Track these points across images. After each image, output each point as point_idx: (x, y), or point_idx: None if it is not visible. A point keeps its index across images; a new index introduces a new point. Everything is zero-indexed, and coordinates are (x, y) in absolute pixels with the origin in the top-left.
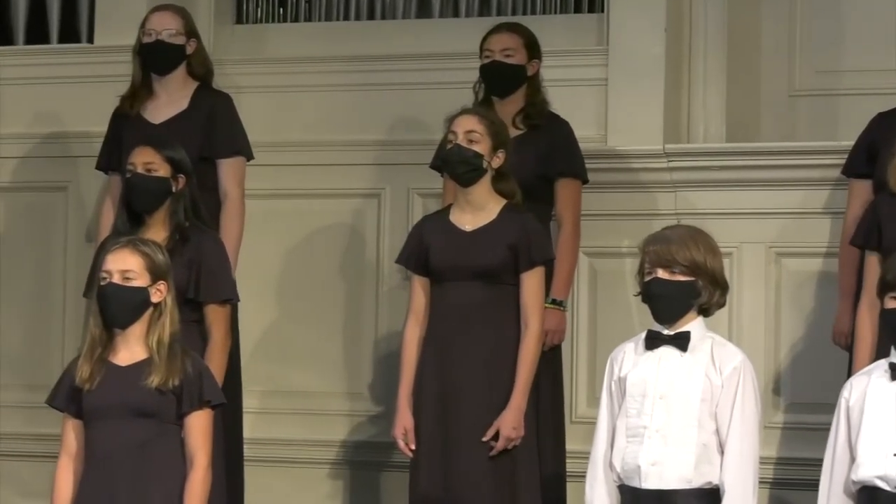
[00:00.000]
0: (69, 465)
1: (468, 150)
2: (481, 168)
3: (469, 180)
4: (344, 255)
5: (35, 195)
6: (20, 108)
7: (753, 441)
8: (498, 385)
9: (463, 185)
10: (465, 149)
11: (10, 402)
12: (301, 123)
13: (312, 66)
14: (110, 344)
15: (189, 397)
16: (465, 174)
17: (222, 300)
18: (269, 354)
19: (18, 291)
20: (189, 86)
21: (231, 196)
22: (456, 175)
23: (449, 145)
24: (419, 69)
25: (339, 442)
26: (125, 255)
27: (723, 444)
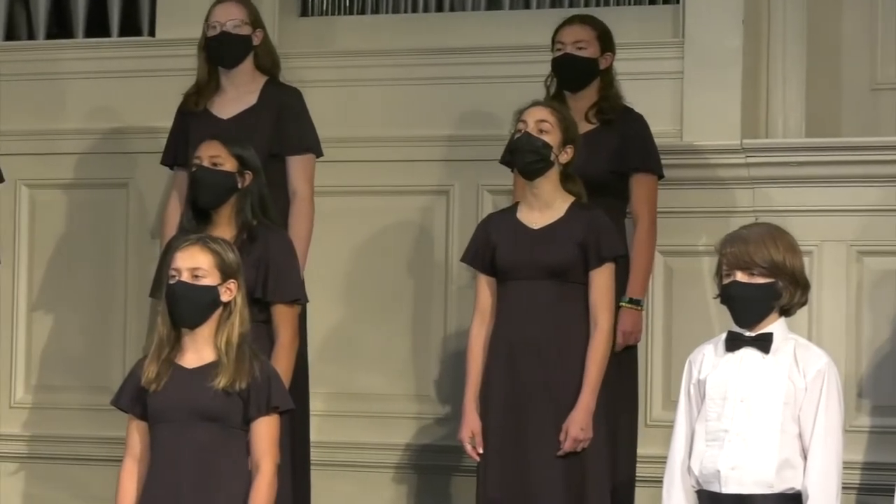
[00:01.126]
0: (133, 467)
1: (537, 140)
2: (549, 160)
3: (536, 171)
4: (412, 253)
5: (95, 192)
6: (80, 104)
7: (837, 446)
8: (567, 385)
9: (529, 178)
10: (534, 138)
11: (71, 405)
12: (368, 118)
13: (380, 60)
14: (178, 345)
15: (256, 402)
16: (532, 164)
17: (290, 300)
18: (335, 355)
19: (79, 291)
20: (257, 80)
21: (300, 194)
22: (523, 165)
23: (517, 134)
24: (489, 62)
25: (406, 445)
26: (195, 253)
27: (805, 449)
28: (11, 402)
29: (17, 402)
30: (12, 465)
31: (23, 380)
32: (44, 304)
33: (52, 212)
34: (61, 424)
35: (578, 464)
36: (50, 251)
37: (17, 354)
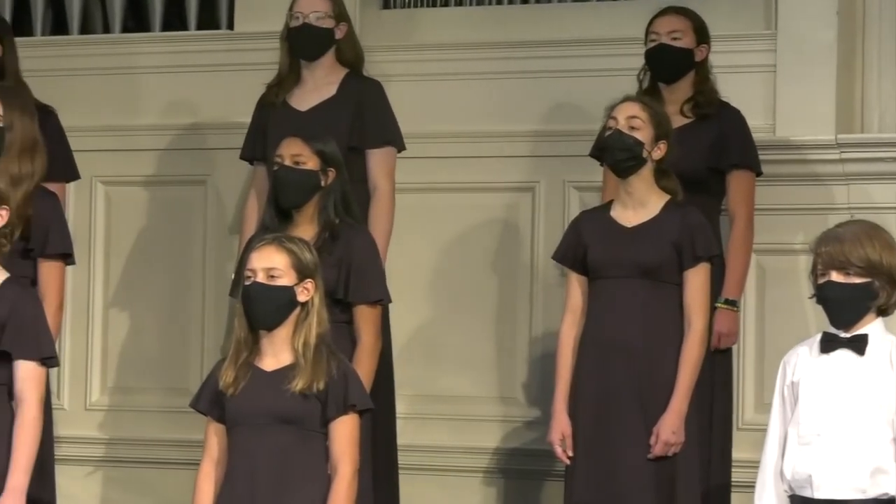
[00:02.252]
0: (211, 470)
1: (629, 137)
2: (641, 157)
3: (627, 169)
4: (496, 251)
5: (172, 189)
6: (157, 99)
7: None
8: (659, 388)
9: (621, 175)
10: (625, 135)
11: (148, 407)
12: (451, 113)
13: (464, 53)
14: (256, 347)
15: (334, 402)
16: (623, 162)
17: (373, 301)
18: (419, 356)
19: (156, 291)
20: (337, 72)
21: (381, 189)
22: (614, 162)
23: (608, 132)
24: (577, 55)
25: (493, 449)
26: (270, 253)
27: None
28: (87, 404)
29: (92, 404)
30: (88, 469)
31: (98, 381)
32: (120, 303)
33: (128, 209)
34: (137, 427)
35: (669, 468)
36: (126, 250)
37: (92, 355)
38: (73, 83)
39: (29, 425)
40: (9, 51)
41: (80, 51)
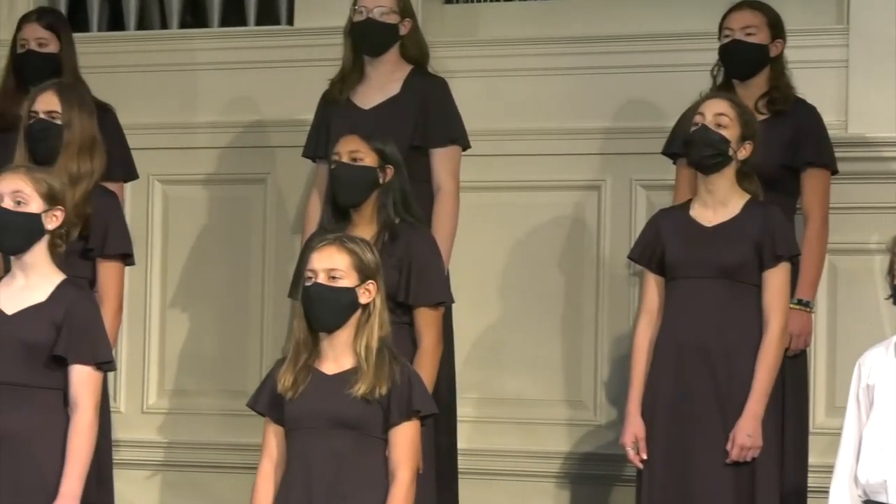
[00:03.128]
0: (271, 472)
1: (715, 134)
2: (726, 155)
3: (711, 167)
4: (562, 251)
5: (232, 188)
6: (216, 96)
7: None
8: (736, 391)
9: (704, 173)
10: (712, 132)
11: (206, 410)
12: (516, 110)
13: (529, 49)
14: (316, 349)
15: (397, 407)
16: (708, 159)
17: (435, 303)
18: (483, 359)
19: (214, 291)
20: (402, 69)
21: (444, 188)
22: (699, 159)
23: (694, 127)
24: (646, 50)
25: (561, 453)
26: (332, 253)
27: None
28: (144, 407)
29: (150, 407)
30: (145, 473)
31: (156, 384)
32: (178, 304)
33: (186, 208)
34: (195, 430)
35: (748, 473)
36: (184, 250)
37: (149, 358)
38: (130, 80)
39: (83, 431)
40: (67, 47)
41: (137, 47)
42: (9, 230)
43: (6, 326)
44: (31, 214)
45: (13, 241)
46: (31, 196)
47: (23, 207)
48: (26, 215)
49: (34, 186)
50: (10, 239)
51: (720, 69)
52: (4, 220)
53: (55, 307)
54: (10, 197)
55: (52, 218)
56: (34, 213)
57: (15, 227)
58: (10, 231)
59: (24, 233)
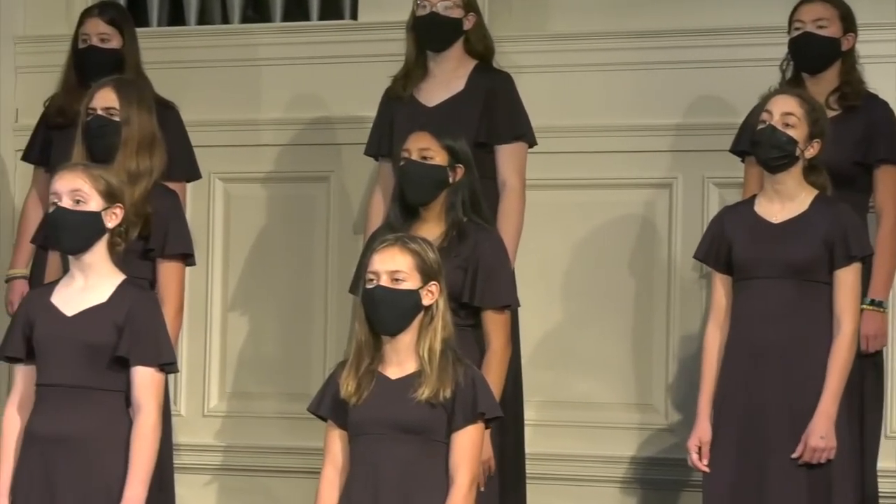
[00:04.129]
0: (334, 477)
1: (782, 134)
2: (793, 155)
3: (778, 167)
4: (632, 251)
5: (295, 186)
6: (278, 92)
7: None
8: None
9: (771, 172)
10: (779, 132)
11: (267, 413)
12: (584, 106)
13: (597, 43)
14: (378, 353)
15: (462, 411)
16: (774, 159)
17: (501, 306)
18: (550, 361)
19: (277, 292)
20: (466, 65)
21: (510, 186)
22: (765, 160)
23: (761, 125)
24: (716, 45)
25: (628, 458)
26: (394, 255)
27: None
28: (205, 410)
29: (210, 410)
30: (206, 477)
31: (217, 387)
32: (239, 305)
33: (248, 207)
34: (257, 434)
35: (823, 476)
36: (246, 249)
37: (210, 360)
38: (190, 76)
39: (147, 434)
40: (129, 42)
41: (198, 42)
42: (68, 230)
43: (67, 328)
44: (91, 213)
45: (73, 240)
46: (90, 194)
47: (82, 206)
48: (86, 214)
49: (93, 184)
50: (71, 238)
51: (789, 63)
52: (64, 219)
53: (117, 308)
54: (68, 196)
55: (111, 216)
56: (94, 212)
57: (75, 226)
58: (69, 230)
59: (85, 232)
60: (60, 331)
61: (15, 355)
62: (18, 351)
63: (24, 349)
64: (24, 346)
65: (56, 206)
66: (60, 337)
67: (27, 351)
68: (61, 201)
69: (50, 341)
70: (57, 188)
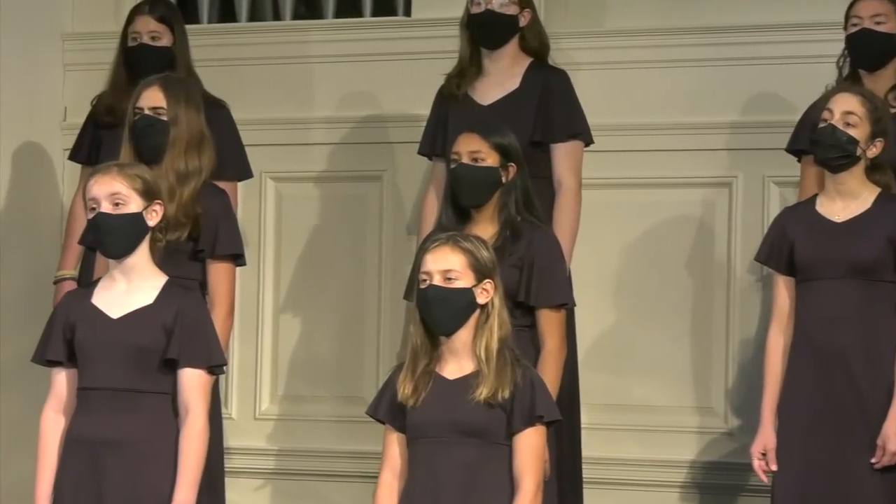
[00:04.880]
0: (393, 482)
1: (843, 134)
2: (854, 155)
3: (838, 167)
4: (690, 251)
5: (347, 185)
6: (330, 90)
7: None
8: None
9: (831, 172)
10: (839, 131)
11: (320, 416)
12: (642, 103)
13: (655, 39)
14: (435, 354)
15: (520, 413)
16: (834, 159)
17: (557, 305)
18: (606, 364)
19: (329, 293)
20: (521, 62)
21: (566, 185)
22: (825, 159)
23: (822, 124)
24: (776, 41)
25: (687, 462)
26: (446, 254)
27: None
28: (256, 413)
29: (262, 413)
30: (257, 482)
31: (268, 389)
32: (291, 307)
33: (300, 207)
34: (310, 437)
35: None
36: (298, 250)
37: (262, 362)
38: (241, 74)
39: (195, 437)
40: (180, 40)
41: (249, 39)
42: (111, 234)
43: (113, 331)
44: (132, 215)
45: (118, 245)
46: (129, 195)
47: (122, 209)
48: (127, 216)
49: (129, 184)
50: (115, 243)
51: (846, 60)
52: (107, 224)
53: (164, 309)
54: (107, 200)
55: (152, 213)
56: (135, 213)
57: (118, 230)
58: (112, 235)
59: (128, 235)
60: (106, 334)
61: (55, 358)
62: (59, 354)
63: (65, 352)
64: (64, 350)
65: (96, 212)
66: (106, 340)
67: (67, 354)
68: (101, 206)
69: (95, 344)
70: (94, 193)
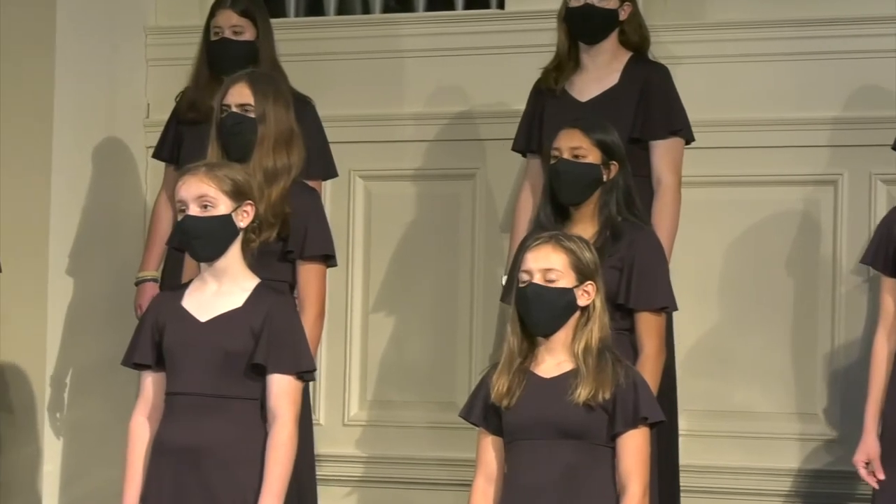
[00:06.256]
0: (487, 488)
1: None
2: None
3: None
4: (793, 251)
5: (438, 183)
6: (421, 85)
7: None
8: None
9: None
10: None
11: (411, 422)
12: (744, 99)
13: (758, 32)
14: (531, 354)
15: (623, 414)
16: None
17: (658, 308)
18: (705, 368)
19: (420, 294)
20: (620, 57)
21: (665, 183)
22: None
23: None
24: (882, 34)
25: (790, 470)
26: (547, 253)
27: None
28: (345, 419)
29: (351, 419)
30: (345, 489)
31: (357, 394)
32: (381, 309)
33: (389, 206)
34: (400, 444)
35: None
36: (388, 250)
37: (351, 366)
38: (330, 69)
39: (283, 445)
40: (264, 34)
41: (337, 33)
42: (200, 237)
43: (201, 335)
44: (222, 217)
45: (207, 248)
46: (217, 197)
47: (211, 211)
48: (217, 219)
49: (217, 186)
50: (204, 247)
51: None
52: (195, 227)
53: (253, 313)
54: (195, 202)
55: (242, 215)
56: (224, 215)
57: (207, 233)
58: (202, 238)
59: (218, 238)
60: (194, 337)
61: (143, 362)
62: (147, 357)
63: (153, 356)
64: (153, 353)
65: (185, 214)
66: (194, 344)
67: (156, 358)
68: (189, 209)
69: (182, 348)
70: (182, 195)
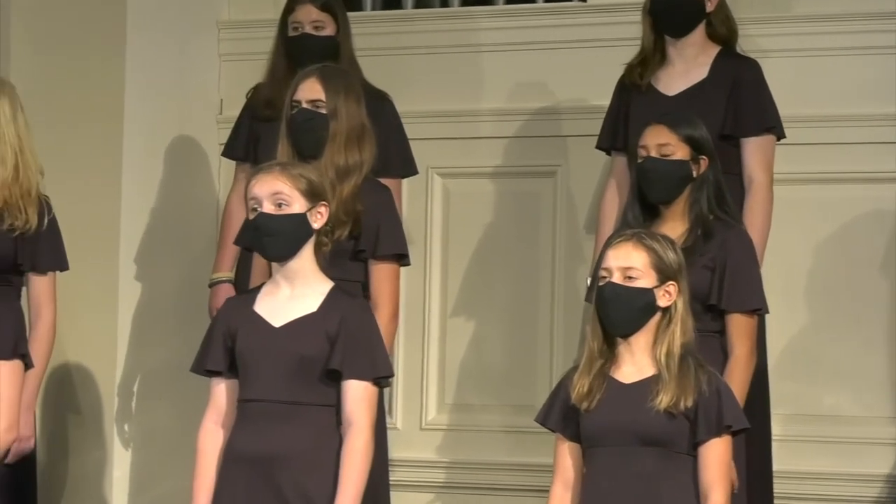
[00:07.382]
0: (564, 495)
1: None
2: None
3: None
4: (885, 250)
5: (519, 181)
6: (501, 80)
7: None
8: None
9: None
10: None
11: (490, 427)
12: (834, 93)
13: (849, 25)
14: (612, 356)
15: (706, 422)
16: None
17: (750, 310)
18: (796, 371)
19: (500, 295)
20: (708, 51)
21: (757, 181)
22: None
23: None
24: None
25: (884, 476)
26: (628, 251)
27: None
28: (423, 423)
29: (429, 423)
30: (427, 496)
31: (435, 398)
32: (459, 310)
33: (468, 204)
34: (480, 449)
35: None
36: (466, 250)
37: (428, 369)
38: (407, 63)
39: (358, 452)
40: (343, 29)
41: (415, 27)
42: (273, 236)
43: (275, 340)
44: (296, 216)
45: (279, 247)
46: (292, 195)
47: (285, 209)
48: (290, 217)
49: (293, 184)
50: (276, 246)
51: None
52: (268, 225)
53: (328, 318)
54: (269, 200)
55: (316, 215)
56: (298, 214)
57: (280, 232)
58: (274, 237)
59: (291, 237)
60: (268, 343)
61: (216, 369)
62: (219, 364)
63: (226, 362)
64: (225, 359)
65: (258, 212)
66: (268, 350)
67: (228, 364)
68: (262, 206)
69: (256, 354)
70: (255, 192)
